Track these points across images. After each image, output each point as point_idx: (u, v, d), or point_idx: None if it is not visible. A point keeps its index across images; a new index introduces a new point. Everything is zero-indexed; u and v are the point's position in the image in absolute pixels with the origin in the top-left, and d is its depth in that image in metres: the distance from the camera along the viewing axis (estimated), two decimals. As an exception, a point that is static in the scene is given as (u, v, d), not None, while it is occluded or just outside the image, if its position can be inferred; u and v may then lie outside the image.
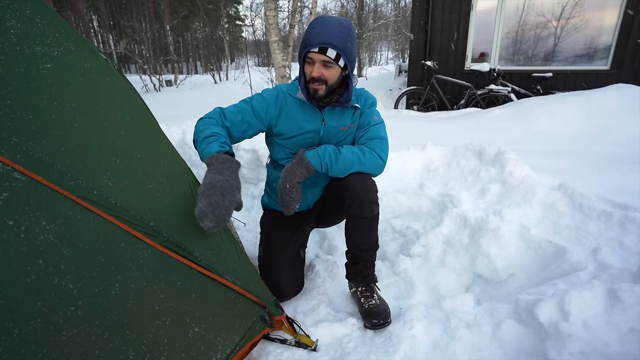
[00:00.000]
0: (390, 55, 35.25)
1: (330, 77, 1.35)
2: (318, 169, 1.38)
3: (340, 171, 1.40)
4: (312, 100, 1.43)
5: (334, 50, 1.29)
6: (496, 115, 3.86)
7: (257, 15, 24.83)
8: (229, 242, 1.17)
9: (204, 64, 25.12)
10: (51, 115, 0.87)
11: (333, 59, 1.30)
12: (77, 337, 0.80)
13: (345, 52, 1.31)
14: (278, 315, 1.29)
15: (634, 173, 2.09)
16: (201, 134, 1.30)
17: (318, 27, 1.30)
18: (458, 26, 5.83)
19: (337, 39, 1.28)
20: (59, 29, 0.96)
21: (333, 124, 1.48)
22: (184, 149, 3.15)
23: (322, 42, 1.28)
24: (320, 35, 1.28)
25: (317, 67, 1.33)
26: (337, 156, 1.38)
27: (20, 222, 0.77)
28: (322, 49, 1.29)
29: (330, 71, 1.34)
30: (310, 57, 1.33)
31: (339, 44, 1.29)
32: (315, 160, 1.37)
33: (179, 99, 10.17)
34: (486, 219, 1.73)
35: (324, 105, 1.45)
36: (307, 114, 1.46)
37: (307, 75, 1.37)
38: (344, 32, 1.30)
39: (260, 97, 1.47)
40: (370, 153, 1.42)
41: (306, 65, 1.37)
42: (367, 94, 1.55)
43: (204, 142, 1.27)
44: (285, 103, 1.47)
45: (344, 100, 1.43)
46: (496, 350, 1.25)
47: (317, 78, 1.34)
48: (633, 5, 5.23)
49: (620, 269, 1.33)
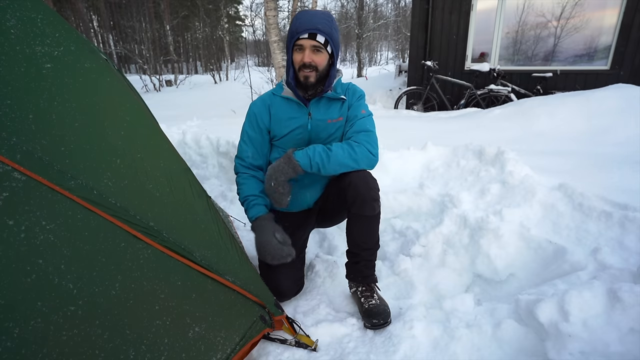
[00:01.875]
0: (390, 55, 35.26)
1: (320, 62, 1.39)
2: (307, 170, 1.38)
3: (333, 169, 1.39)
4: (300, 90, 1.45)
5: (323, 35, 1.34)
6: (496, 115, 3.86)
7: (257, 15, 24.85)
8: (229, 242, 1.17)
9: (204, 64, 25.11)
10: (51, 115, 0.87)
11: (322, 44, 1.35)
12: (77, 337, 0.80)
13: (332, 39, 1.37)
14: (278, 315, 1.29)
15: (634, 173, 2.09)
16: (241, 197, 1.51)
17: (303, 17, 1.35)
18: (458, 26, 5.83)
19: (323, 25, 1.34)
20: (59, 29, 0.96)
21: (320, 117, 1.48)
22: (184, 149, 3.15)
23: (310, 28, 1.32)
24: (308, 22, 1.33)
25: (307, 53, 1.36)
26: (329, 154, 1.37)
27: (20, 222, 0.77)
28: (312, 34, 1.33)
29: (320, 57, 1.38)
30: (299, 43, 1.36)
31: (325, 29, 1.34)
32: (304, 160, 1.37)
33: (179, 99, 10.17)
34: (486, 219, 1.73)
35: (309, 99, 1.47)
36: (293, 110, 1.48)
37: (297, 62, 1.40)
38: (328, 19, 1.36)
39: (252, 115, 1.52)
40: (359, 147, 1.41)
41: (295, 53, 1.39)
42: (355, 87, 1.56)
43: (244, 205, 1.49)
44: (272, 105, 1.51)
45: (326, 89, 1.45)
46: (496, 350, 1.25)
47: (309, 64, 1.37)
48: (633, 5, 5.23)
49: (620, 269, 1.33)
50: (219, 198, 2.67)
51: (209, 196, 1.21)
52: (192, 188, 1.11)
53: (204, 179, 2.95)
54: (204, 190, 1.18)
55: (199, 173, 2.99)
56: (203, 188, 1.19)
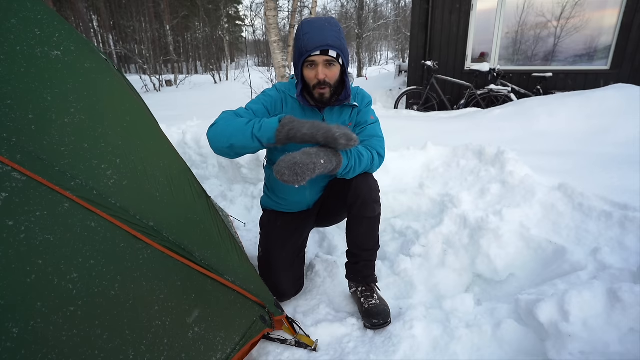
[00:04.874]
0: (390, 55, 35.26)
1: (333, 77, 1.35)
2: (341, 170, 1.29)
3: (356, 173, 1.36)
4: (314, 102, 1.41)
5: (334, 50, 1.30)
6: (496, 115, 3.86)
7: (257, 15, 24.83)
8: (229, 242, 1.17)
9: (204, 64, 25.12)
10: (51, 115, 0.87)
11: (335, 58, 1.31)
12: (77, 337, 0.80)
13: (342, 50, 1.33)
14: (278, 315, 1.29)
15: (634, 173, 2.09)
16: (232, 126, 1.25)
17: (311, 31, 1.30)
18: (458, 26, 5.83)
19: (333, 39, 1.29)
20: (59, 29, 0.96)
21: (333, 123, 1.47)
22: (184, 149, 3.15)
23: (322, 45, 1.28)
24: (317, 38, 1.28)
25: (321, 69, 1.32)
26: (361, 158, 1.33)
27: (20, 222, 0.77)
28: (324, 51, 1.29)
29: (333, 70, 1.34)
30: (312, 60, 1.31)
31: (336, 43, 1.30)
32: (345, 160, 1.29)
33: (179, 99, 10.17)
34: (486, 219, 1.73)
35: (324, 106, 1.44)
36: (307, 115, 1.45)
37: (311, 80, 1.35)
38: (336, 30, 1.31)
39: (266, 95, 1.46)
40: (373, 151, 1.42)
41: (306, 70, 1.34)
42: (363, 92, 1.55)
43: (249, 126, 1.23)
44: (286, 103, 1.46)
45: (343, 98, 1.42)
46: (496, 350, 1.25)
47: (323, 81, 1.33)
48: (633, 5, 5.23)
49: (620, 269, 1.33)
50: (219, 198, 2.68)
51: (209, 196, 1.21)
52: (192, 188, 1.11)
53: (204, 179, 2.95)
54: (204, 190, 1.18)
55: (199, 173, 2.99)
56: (203, 188, 1.19)
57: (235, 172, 2.81)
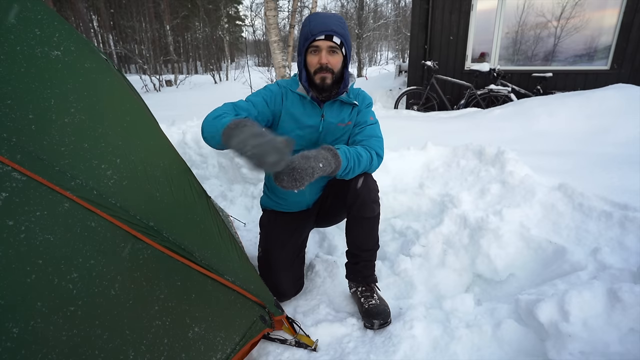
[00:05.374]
0: (390, 55, 35.25)
1: (336, 64, 1.37)
2: (340, 172, 1.27)
3: (356, 173, 1.35)
4: (316, 91, 1.41)
5: (338, 37, 1.33)
6: (496, 115, 3.86)
7: (257, 15, 24.82)
8: (229, 242, 1.17)
9: (204, 64, 25.12)
10: (51, 115, 0.87)
11: (338, 45, 1.34)
12: (77, 337, 0.80)
13: (346, 40, 1.35)
14: (278, 315, 1.29)
15: (634, 173, 2.09)
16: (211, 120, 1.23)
17: (317, 19, 1.33)
18: (458, 26, 5.83)
19: (337, 26, 1.33)
20: (59, 29, 0.96)
21: (332, 120, 1.47)
22: (184, 149, 3.15)
23: (326, 30, 1.31)
24: (322, 24, 1.32)
25: (324, 55, 1.34)
26: (360, 159, 1.33)
27: (20, 222, 0.77)
28: (328, 36, 1.32)
29: (335, 58, 1.36)
30: (316, 45, 1.33)
31: (340, 30, 1.33)
32: (345, 162, 1.26)
33: (179, 99, 10.16)
34: (486, 219, 1.73)
35: (323, 100, 1.45)
36: (307, 109, 1.46)
37: (313, 65, 1.36)
38: (341, 21, 1.35)
39: (267, 90, 1.47)
40: (372, 152, 1.42)
41: (310, 55, 1.36)
42: (364, 93, 1.55)
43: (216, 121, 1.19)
44: (287, 97, 1.46)
45: (341, 91, 1.43)
46: (496, 350, 1.25)
47: (325, 66, 1.34)
48: (633, 5, 5.23)
49: (620, 269, 1.33)
50: (219, 198, 2.68)
51: (209, 196, 1.21)
52: (192, 188, 1.11)
53: (204, 179, 2.95)
54: (204, 190, 1.18)
55: (199, 173, 2.99)
56: (203, 188, 1.19)
57: (235, 172, 2.81)
